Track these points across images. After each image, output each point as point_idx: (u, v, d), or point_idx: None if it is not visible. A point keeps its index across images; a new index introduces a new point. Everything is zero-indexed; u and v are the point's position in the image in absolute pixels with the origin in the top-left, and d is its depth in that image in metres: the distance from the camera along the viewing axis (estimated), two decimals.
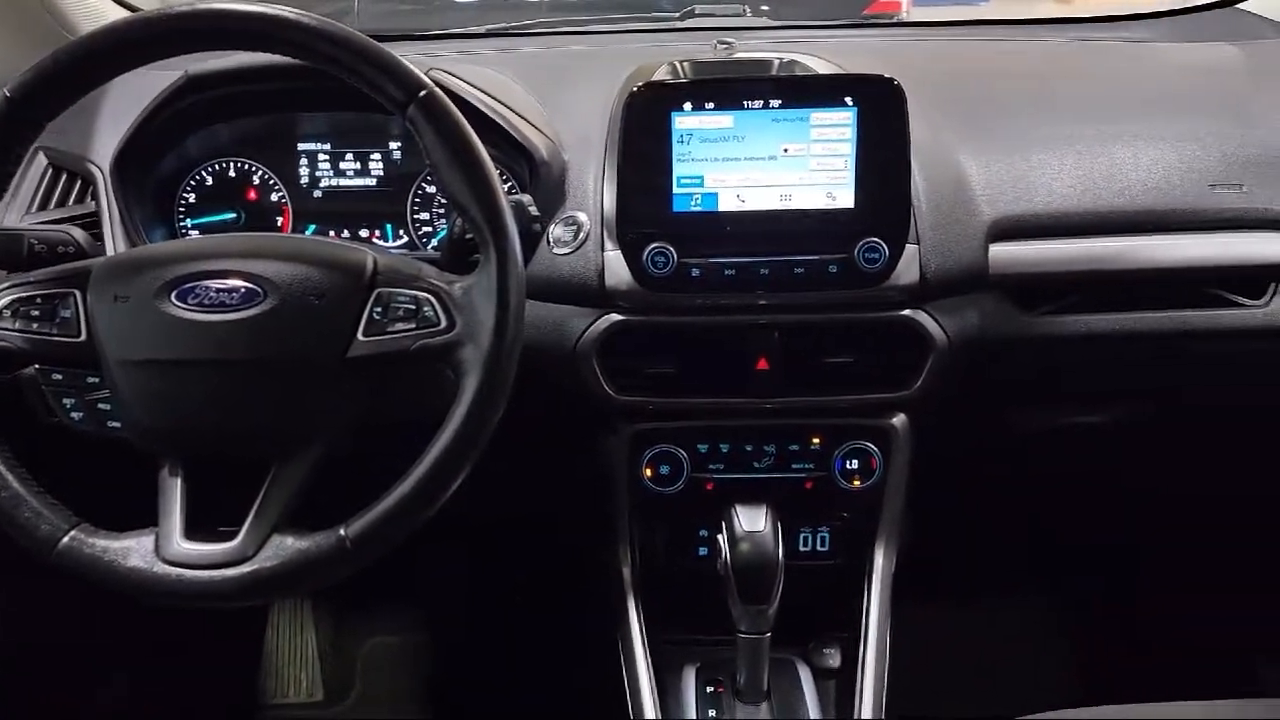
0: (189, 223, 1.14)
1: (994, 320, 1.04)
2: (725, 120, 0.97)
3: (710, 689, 1.07)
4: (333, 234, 1.14)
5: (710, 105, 0.96)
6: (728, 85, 0.98)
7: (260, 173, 1.14)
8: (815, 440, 1.06)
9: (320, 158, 1.14)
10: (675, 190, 0.98)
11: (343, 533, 0.78)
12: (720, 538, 0.99)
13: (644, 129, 0.97)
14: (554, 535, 1.41)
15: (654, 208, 0.98)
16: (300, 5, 0.79)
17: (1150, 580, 1.61)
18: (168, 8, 0.80)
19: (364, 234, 1.14)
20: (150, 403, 0.82)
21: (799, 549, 1.10)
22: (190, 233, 1.14)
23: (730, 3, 1.48)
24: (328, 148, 1.13)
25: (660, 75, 1.08)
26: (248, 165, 1.14)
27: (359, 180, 1.14)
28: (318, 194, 1.14)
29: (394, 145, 1.13)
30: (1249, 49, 1.25)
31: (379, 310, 0.81)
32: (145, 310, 0.81)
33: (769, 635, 0.98)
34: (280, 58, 0.80)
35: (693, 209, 0.98)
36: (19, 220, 1.04)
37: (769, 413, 1.05)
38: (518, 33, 1.43)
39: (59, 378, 0.84)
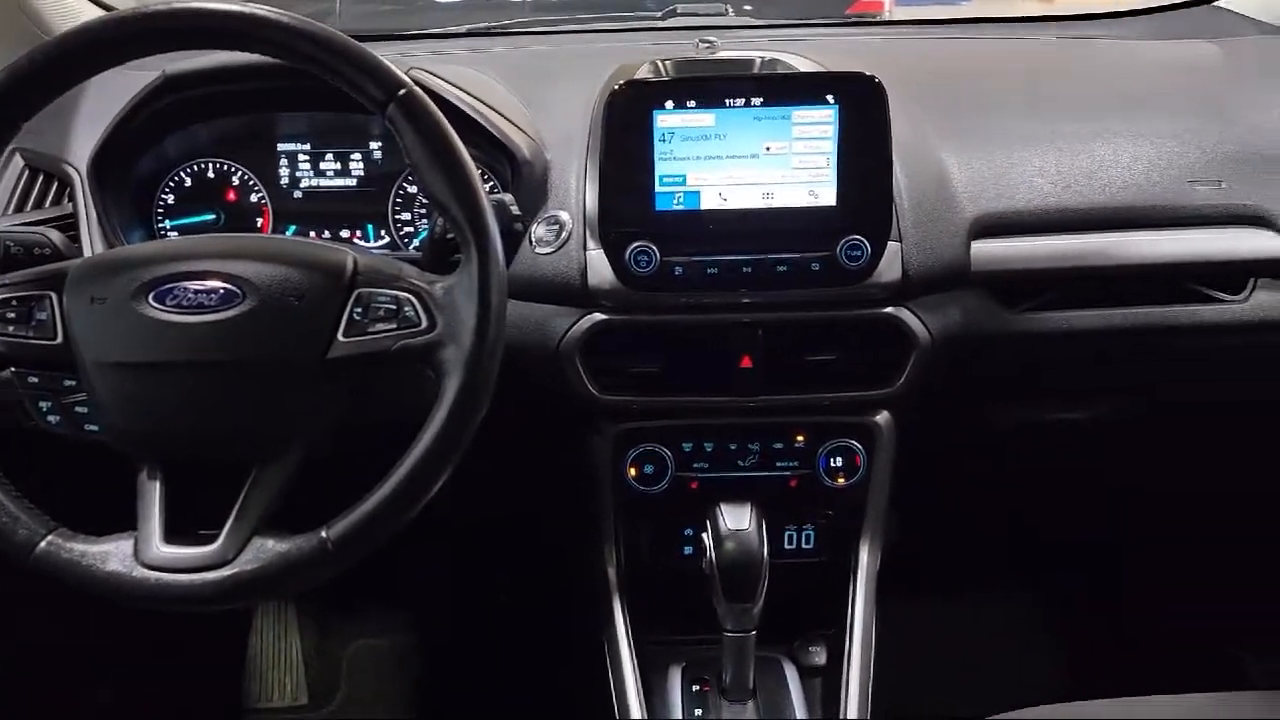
0: (168, 224, 1.13)
1: (976, 317, 1.05)
2: (707, 119, 0.97)
3: (696, 688, 1.07)
4: (313, 235, 1.13)
5: (692, 104, 0.96)
6: (709, 84, 0.98)
7: (240, 173, 1.13)
8: (799, 438, 1.06)
9: (300, 158, 1.13)
10: (657, 189, 0.97)
11: (324, 535, 0.77)
12: (705, 536, 0.99)
13: (626, 128, 0.97)
14: (538, 535, 1.40)
15: (636, 206, 0.98)
16: (281, 5, 0.79)
17: (1133, 575, 1.62)
18: (143, 7, 0.79)
19: (345, 234, 1.14)
20: (128, 405, 0.81)
21: (784, 547, 1.10)
22: (169, 234, 1.13)
23: (713, 1, 1.48)
24: (308, 148, 1.13)
25: (642, 74, 1.08)
26: (227, 166, 1.13)
27: (339, 180, 1.13)
28: (298, 194, 1.13)
29: (375, 145, 1.13)
30: (1227, 46, 1.26)
31: (359, 311, 0.81)
32: (122, 312, 0.80)
33: (754, 633, 0.98)
34: (259, 57, 0.80)
35: (675, 208, 0.98)
36: None
37: (753, 411, 1.05)
38: (499, 32, 1.43)
39: (35, 381, 0.83)
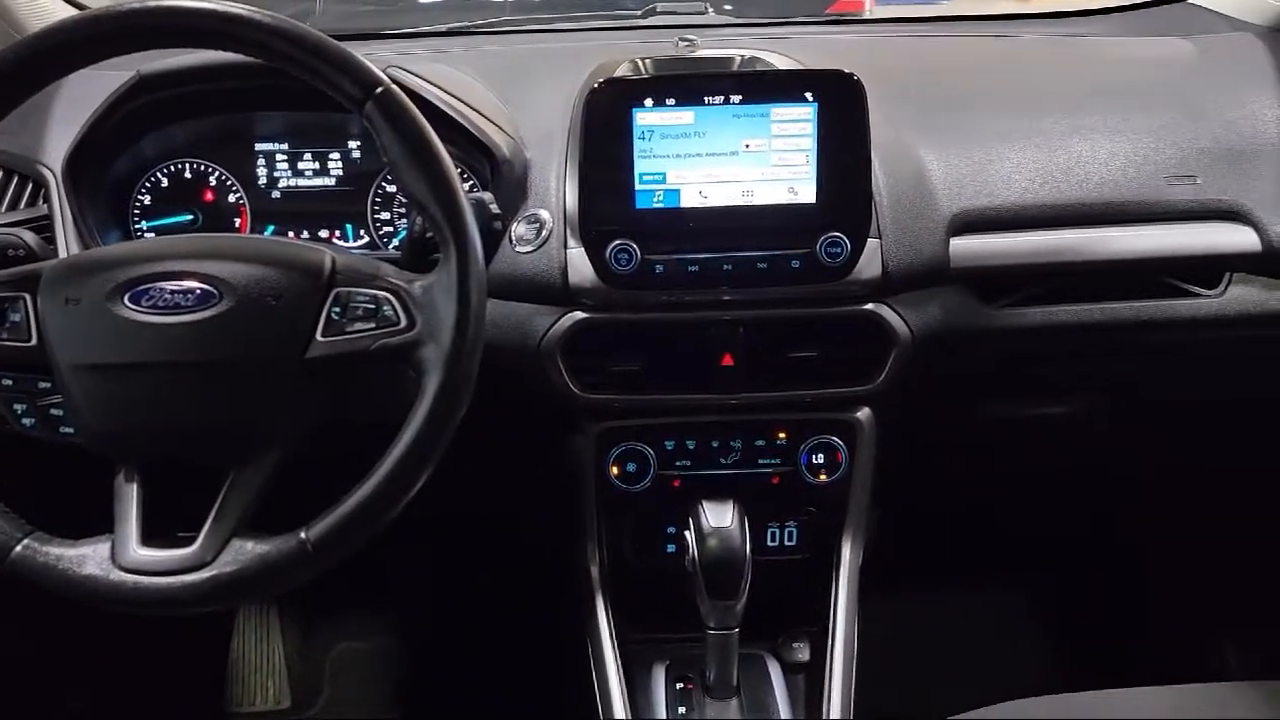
0: (144, 225, 1.12)
1: (955, 313, 1.05)
2: (686, 116, 0.97)
3: (680, 686, 1.07)
4: (292, 234, 1.13)
5: (671, 101, 0.96)
6: (688, 81, 0.98)
7: (217, 173, 1.12)
8: (781, 435, 1.06)
9: (278, 158, 1.12)
10: (637, 187, 0.97)
11: (303, 536, 0.77)
12: (687, 534, 0.99)
13: (605, 126, 0.97)
14: (520, 535, 1.40)
15: (616, 205, 0.98)
16: (260, 4, 0.78)
17: (1114, 569, 1.63)
18: (118, 5, 0.78)
19: (324, 234, 1.13)
20: (103, 407, 0.80)
21: (767, 544, 1.10)
22: (146, 235, 1.12)
23: (693, 0, 1.48)
24: (286, 147, 1.12)
25: (622, 72, 1.08)
26: (204, 166, 1.12)
27: (318, 180, 1.12)
28: (276, 194, 1.13)
29: (353, 144, 1.12)
30: (1201, 43, 1.27)
31: (338, 310, 0.80)
32: (97, 313, 0.80)
33: (737, 631, 0.98)
34: (235, 56, 0.79)
35: (655, 205, 0.98)
36: None
37: (734, 408, 1.05)
38: (479, 31, 1.42)
39: (9, 383, 0.82)
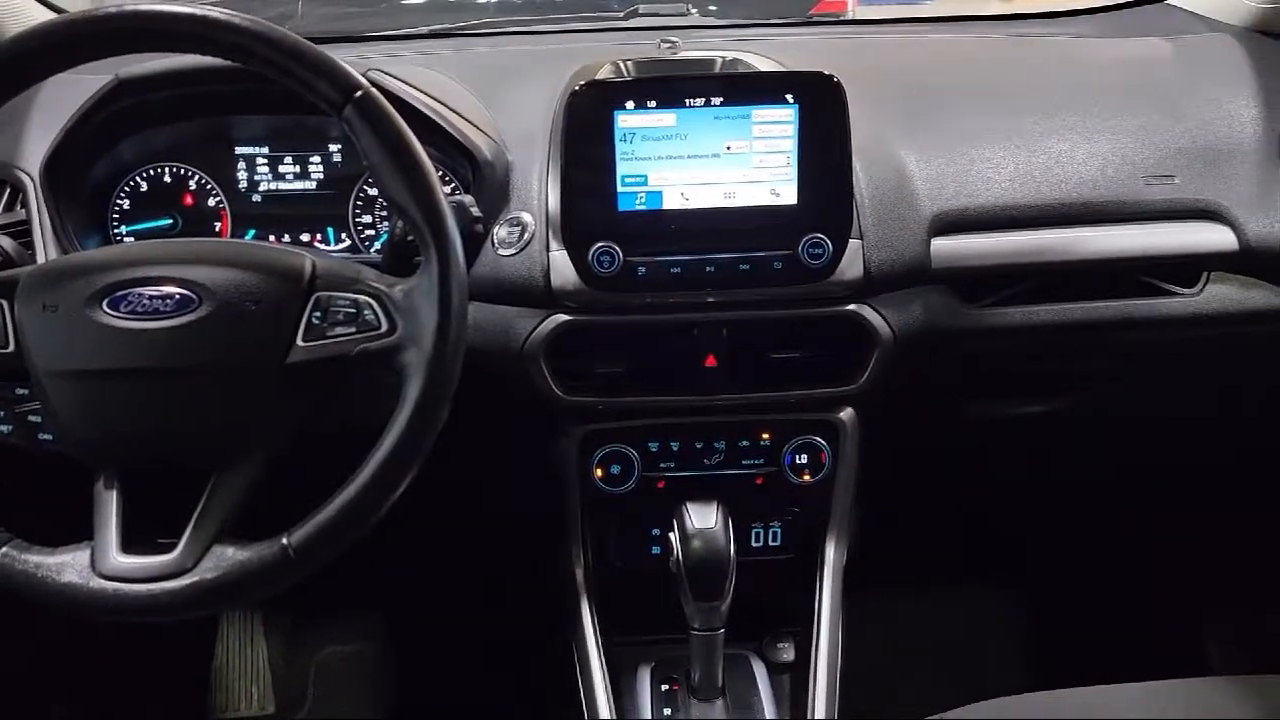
0: (124, 229, 1.11)
1: (937, 313, 1.06)
2: (668, 118, 0.97)
3: (665, 687, 1.07)
4: (273, 238, 1.12)
5: (652, 103, 0.96)
6: (669, 83, 0.99)
7: (197, 177, 1.12)
8: (764, 436, 1.07)
9: (258, 161, 1.12)
10: (619, 189, 0.98)
11: (286, 541, 0.77)
12: (672, 535, 0.99)
13: (587, 128, 0.97)
14: (504, 537, 1.40)
15: (598, 207, 0.98)
16: (244, 8, 0.78)
17: (1100, 567, 1.64)
18: (95, 9, 0.78)
19: (305, 238, 1.12)
20: (82, 414, 0.80)
21: (751, 544, 1.10)
22: (125, 240, 1.11)
23: (675, 1, 1.48)
24: (266, 151, 1.11)
25: (603, 74, 1.08)
26: (183, 170, 1.11)
27: (299, 184, 1.12)
28: (256, 198, 1.12)
29: (334, 148, 1.11)
30: (1178, 43, 1.28)
31: (318, 315, 0.80)
32: (75, 319, 0.79)
33: (722, 631, 0.98)
34: (214, 60, 0.79)
35: (637, 208, 0.98)
36: None
37: (718, 409, 1.05)
38: (461, 33, 1.42)
39: None
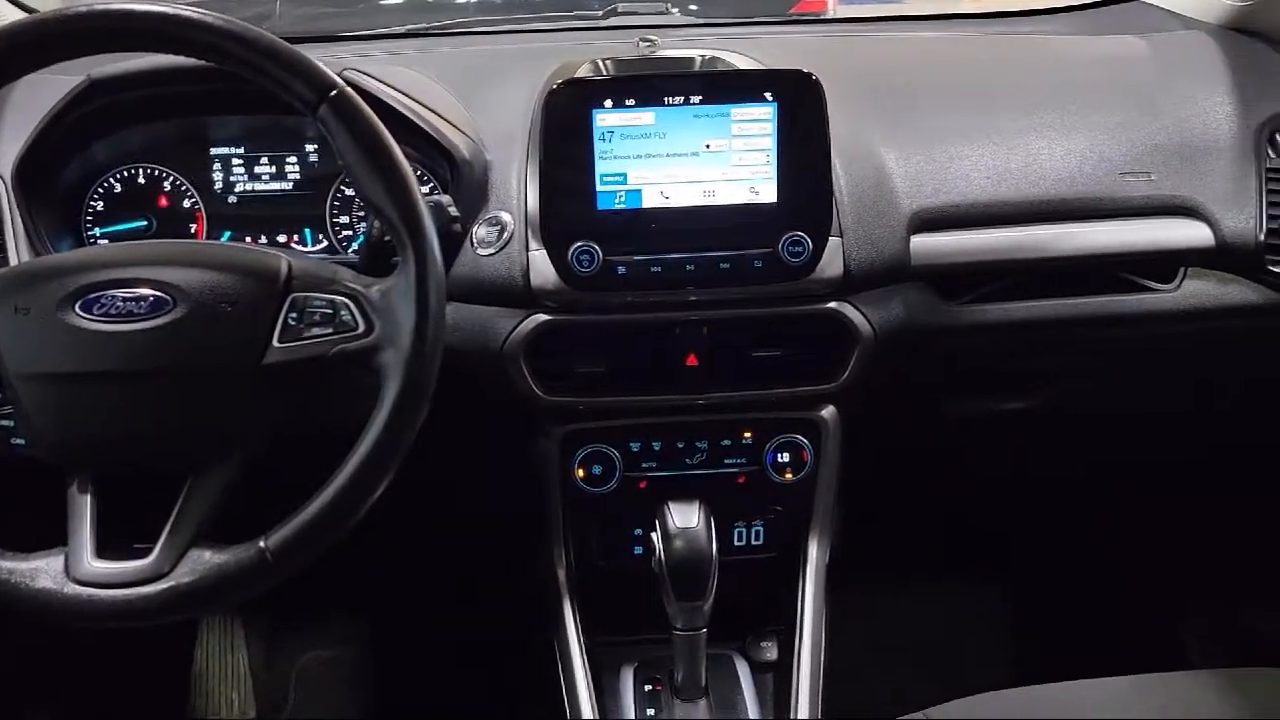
0: (98, 231, 1.10)
1: (917, 310, 1.06)
2: (647, 117, 0.97)
3: (648, 688, 1.07)
4: (249, 240, 1.11)
5: (631, 102, 0.96)
6: (648, 82, 0.98)
7: (171, 178, 1.10)
8: (746, 434, 1.06)
9: (234, 162, 1.10)
10: (599, 188, 0.97)
11: (263, 544, 0.76)
12: (654, 536, 0.99)
13: (565, 127, 0.97)
14: (484, 538, 1.39)
15: (578, 206, 0.97)
16: (221, 9, 0.77)
17: (1082, 563, 1.65)
18: (66, 8, 0.77)
19: (282, 239, 1.12)
20: (55, 417, 0.79)
21: (734, 543, 1.10)
22: (99, 242, 1.10)
23: (654, 0, 1.48)
24: (241, 151, 1.10)
25: (582, 73, 1.07)
26: (158, 171, 1.10)
27: (275, 184, 1.11)
28: (232, 199, 1.11)
29: (310, 148, 1.11)
30: (1153, 41, 1.29)
31: (294, 316, 0.79)
32: (47, 322, 0.78)
33: (705, 631, 0.98)
34: (188, 59, 0.78)
35: (617, 207, 0.98)
36: None
37: (699, 408, 1.05)
38: (439, 33, 1.41)
39: None
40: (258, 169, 1.11)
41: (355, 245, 1.12)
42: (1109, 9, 1.42)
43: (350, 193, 1.11)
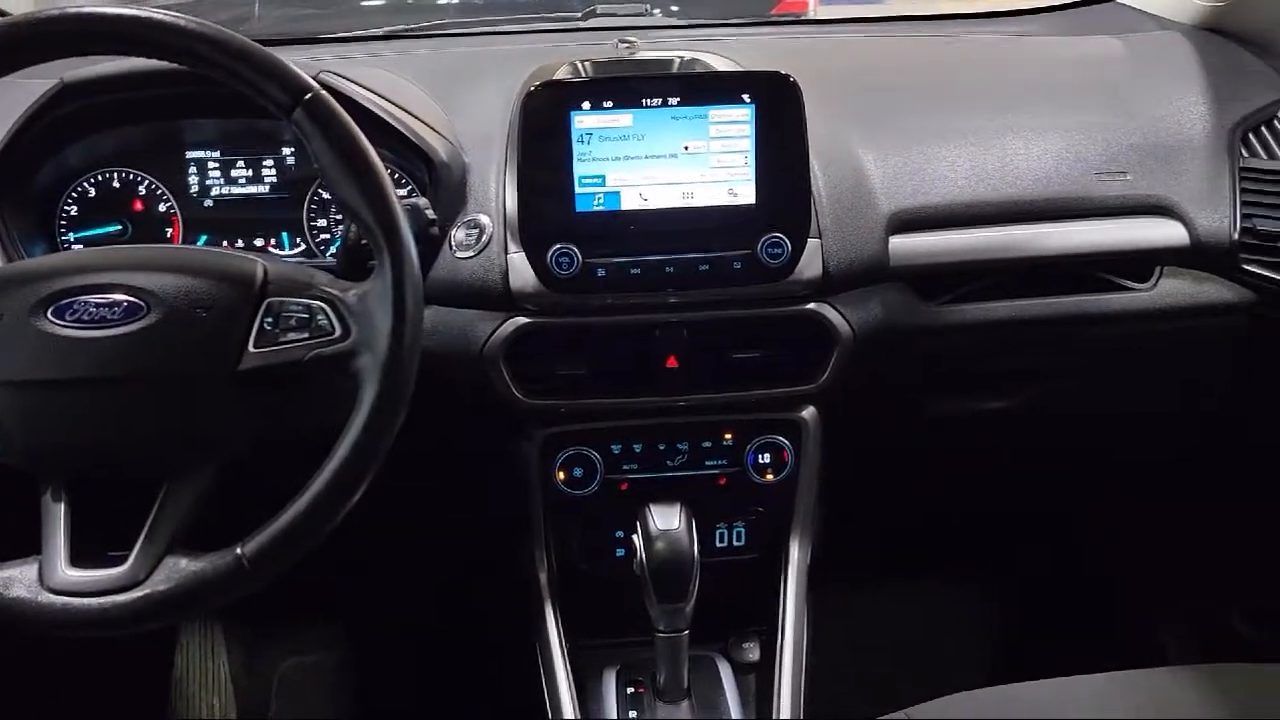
0: (72, 236, 1.09)
1: (896, 311, 1.06)
2: (625, 119, 0.96)
3: (631, 690, 1.07)
4: (226, 244, 1.10)
5: (609, 104, 0.96)
6: (626, 83, 0.98)
7: (146, 182, 1.09)
8: (727, 436, 1.06)
9: (210, 165, 1.10)
10: (577, 190, 0.97)
11: (239, 551, 0.75)
12: (635, 538, 0.99)
13: (543, 129, 0.96)
14: (463, 541, 1.39)
15: (556, 208, 0.97)
16: (198, 12, 0.77)
17: (1065, 562, 1.66)
18: (38, 11, 0.76)
19: (259, 243, 1.11)
20: (28, 425, 0.78)
21: (715, 545, 1.10)
22: (73, 247, 1.09)
23: (634, 1, 1.48)
24: (217, 155, 1.09)
25: (561, 75, 1.07)
26: (133, 175, 1.09)
27: (251, 188, 1.10)
28: (208, 203, 1.10)
29: (287, 151, 1.10)
30: (1129, 42, 1.30)
31: (270, 320, 0.79)
32: (19, 328, 0.77)
33: (687, 633, 0.98)
34: (162, 62, 0.77)
35: (595, 209, 0.98)
36: None
37: (680, 410, 1.05)
38: (417, 34, 1.41)
39: None
40: (234, 172, 1.10)
41: (333, 248, 1.11)
42: (1084, 10, 1.43)
43: (328, 196, 1.10)
